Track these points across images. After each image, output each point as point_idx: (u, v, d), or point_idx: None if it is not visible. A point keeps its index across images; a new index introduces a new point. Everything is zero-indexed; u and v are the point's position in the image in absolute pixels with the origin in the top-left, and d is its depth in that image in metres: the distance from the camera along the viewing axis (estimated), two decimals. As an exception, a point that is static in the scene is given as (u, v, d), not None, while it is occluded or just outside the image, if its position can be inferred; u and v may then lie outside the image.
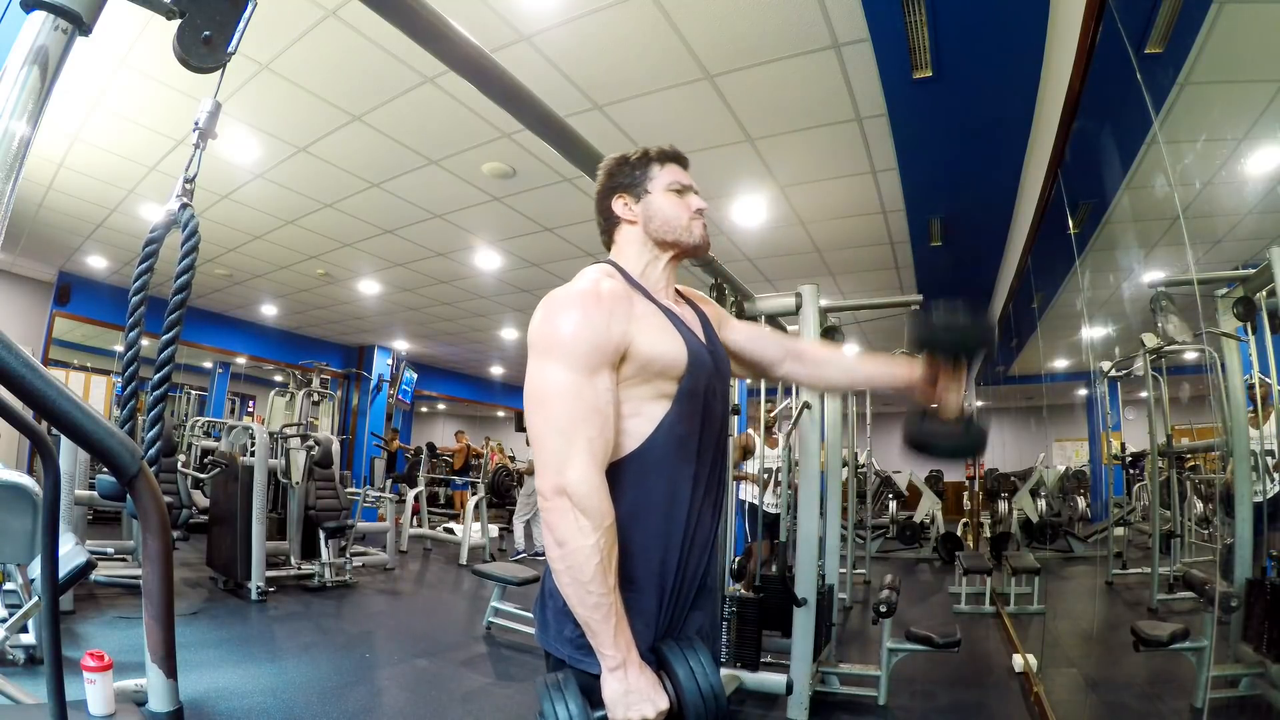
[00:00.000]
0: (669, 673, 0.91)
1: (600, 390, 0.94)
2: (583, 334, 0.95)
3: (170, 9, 0.94)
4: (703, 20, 2.59)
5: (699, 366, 1.03)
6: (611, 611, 0.88)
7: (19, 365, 0.66)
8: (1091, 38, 1.91)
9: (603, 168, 1.17)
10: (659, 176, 1.12)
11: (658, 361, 0.99)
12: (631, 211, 1.12)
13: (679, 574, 0.99)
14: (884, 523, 8.03)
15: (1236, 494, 2.31)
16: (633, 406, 0.98)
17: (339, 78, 3.10)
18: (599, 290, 1.00)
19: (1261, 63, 1.89)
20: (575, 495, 0.88)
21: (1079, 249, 3.10)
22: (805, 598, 2.92)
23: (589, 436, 0.91)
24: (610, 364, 0.96)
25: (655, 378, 0.99)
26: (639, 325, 0.99)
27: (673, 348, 1.01)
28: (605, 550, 0.89)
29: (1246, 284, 2.22)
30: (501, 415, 15.79)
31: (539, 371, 0.96)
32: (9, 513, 1.95)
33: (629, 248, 1.13)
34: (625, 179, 1.13)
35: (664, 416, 0.99)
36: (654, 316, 1.03)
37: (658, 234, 1.11)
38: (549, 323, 0.98)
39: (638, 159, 1.13)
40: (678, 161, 1.15)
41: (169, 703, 0.92)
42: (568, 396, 0.92)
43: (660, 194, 1.11)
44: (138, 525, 1.20)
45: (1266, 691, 1.94)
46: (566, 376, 0.93)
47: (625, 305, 1.00)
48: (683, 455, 1.00)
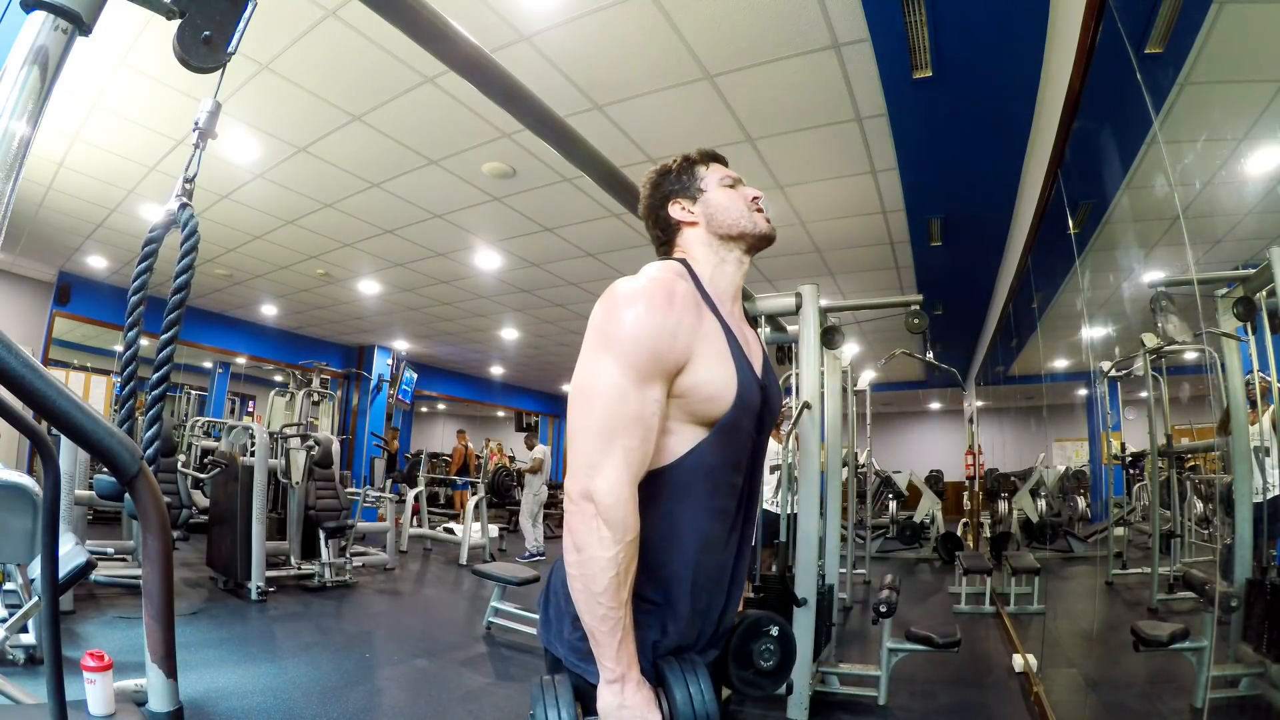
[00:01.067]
0: (667, 693, 0.89)
1: (649, 400, 0.89)
2: (646, 337, 0.89)
3: (170, 9, 0.94)
4: (703, 20, 2.59)
5: (745, 405, 0.97)
6: (619, 626, 0.86)
7: (19, 365, 0.66)
8: (1091, 38, 1.91)
9: (646, 181, 1.14)
10: (708, 175, 1.10)
11: (704, 389, 0.93)
12: (691, 213, 1.08)
13: (693, 607, 0.95)
14: (884, 523, 8.03)
15: (1236, 494, 2.31)
16: (671, 424, 0.93)
17: (339, 78, 3.10)
18: (673, 290, 0.93)
19: (1261, 63, 1.89)
20: (602, 504, 0.85)
21: (1079, 249, 3.10)
22: (805, 598, 2.92)
23: (627, 446, 0.87)
24: (666, 376, 0.91)
25: (698, 403, 0.94)
26: (702, 345, 0.94)
27: (724, 381, 0.95)
28: (623, 565, 0.85)
29: (1246, 284, 2.22)
30: (501, 415, 15.79)
31: (591, 364, 0.91)
32: (9, 513, 1.95)
33: (696, 249, 1.08)
34: (675, 185, 1.10)
35: (698, 444, 0.94)
36: (717, 339, 0.97)
37: (723, 229, 1.06)
38: (612, 316, 0.92)
39: (680, 165, 1.11)
40: (719, 160, 1.14)
41: (169, 703, 0.92)
42: (614, 398, 0.88)
43: (716, 190, 1.08)
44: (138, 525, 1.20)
45: (1266, 691, 1.94)
46: (618, 378, 0.88)
47: (694, 317, 0.94)
48: (710, 487, 0.95)
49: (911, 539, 7.80)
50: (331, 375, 8.92)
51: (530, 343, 8.95)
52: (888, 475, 8.38)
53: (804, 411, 3.16)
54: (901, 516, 8.12)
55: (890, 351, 6.76)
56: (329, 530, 5.03)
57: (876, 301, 4.21)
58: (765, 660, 1.01)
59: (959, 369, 7.49)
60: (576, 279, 5.87)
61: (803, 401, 3.20)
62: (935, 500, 8.04)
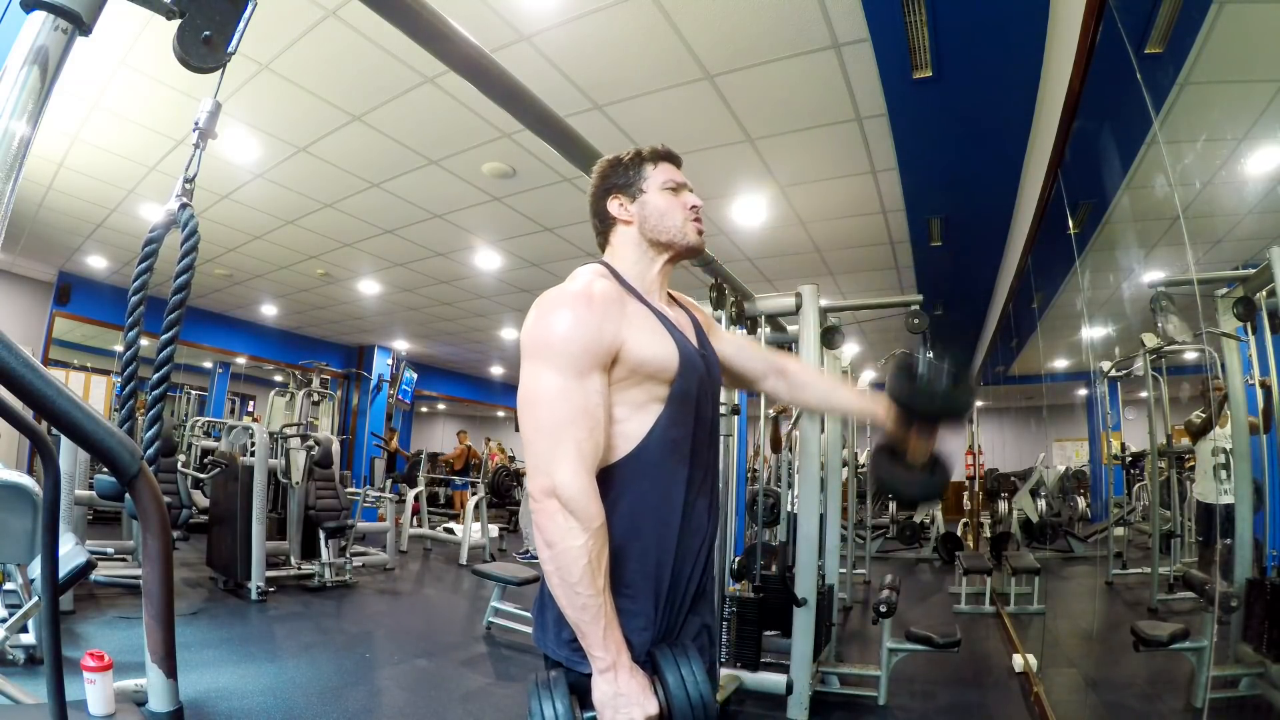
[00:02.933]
0: (660, 678, 0.91)
1: (590, 392, 0.93)
2: (574, 336, 0.94)
3: (170, 9, 0.94)
4: (703, 20, 2.59)
5: (691, 369, 1.02)
6: (600, 613, 0.88)
7: (19, 365, 0.66)
8: (1091, 38, 1.91)
9: (596, 169, 1.16)
10: (653, 175, 1.12)
11: (649, 364, 0.99)
12: (627, 212, 1.12)
13: (674, 577, 0.99)
14: (884, 523, 8.03)
15: (1236, 494, 2.31)
16: (626, 410, 0.98)
17: (339, 78, 3.10)
18: (591, 291, 0.99)
19: (1261, 63, 1.89)
20: (564, 497, 0.89)
21: (1079, 249, 3.10)
22: (805, 598, 2.92)
23: (578, 439, 0.91)
24: (602, 366, 0.95)
25: (647, 380, 0.99)
26: (631, 327, 0.99)
27: (664, 350, 1.01)
28: (594, 552, 0.88)
29: (1246, 284, 2.22)
30: (501, 415, 15.79)
31: (530, 373, 0.96)
32: (9, 513, 1.95)
33: (624, 249, 1.12)
34: (619, 179, 1.13)
35: (656, 420, 0.99)
36: (646, 319, 1.03)
37: (653, 234, 1.10)
38: (540, 324, 0.98)
39: (630, 159, 1.13)
40: (670, 160, 1.15)
41: (169, 703, 0.92)
42: (557, 399, 0.92)
43: (655, 193, 1.11)
44: (138, 525, 1.20)
45: (1266, 691, 1.94)
46: (556, 379, 0.93)
47: (618, 307, 0.99)
48: (676, 458, 1.00)
49: (911, 539, 7.80)
50: (331, 375, 8.92)
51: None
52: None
53: (804, 412, 3.16)
54: (901, 516, 8.12)
55: (890, 351, 6.76)
56: (329, 530, 5.03)
57: (876, 301, 4.21)
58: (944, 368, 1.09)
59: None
60: (576, 279, 5.85)
61: (803, 401, 3.20)
62: (935, 502, 8.04)
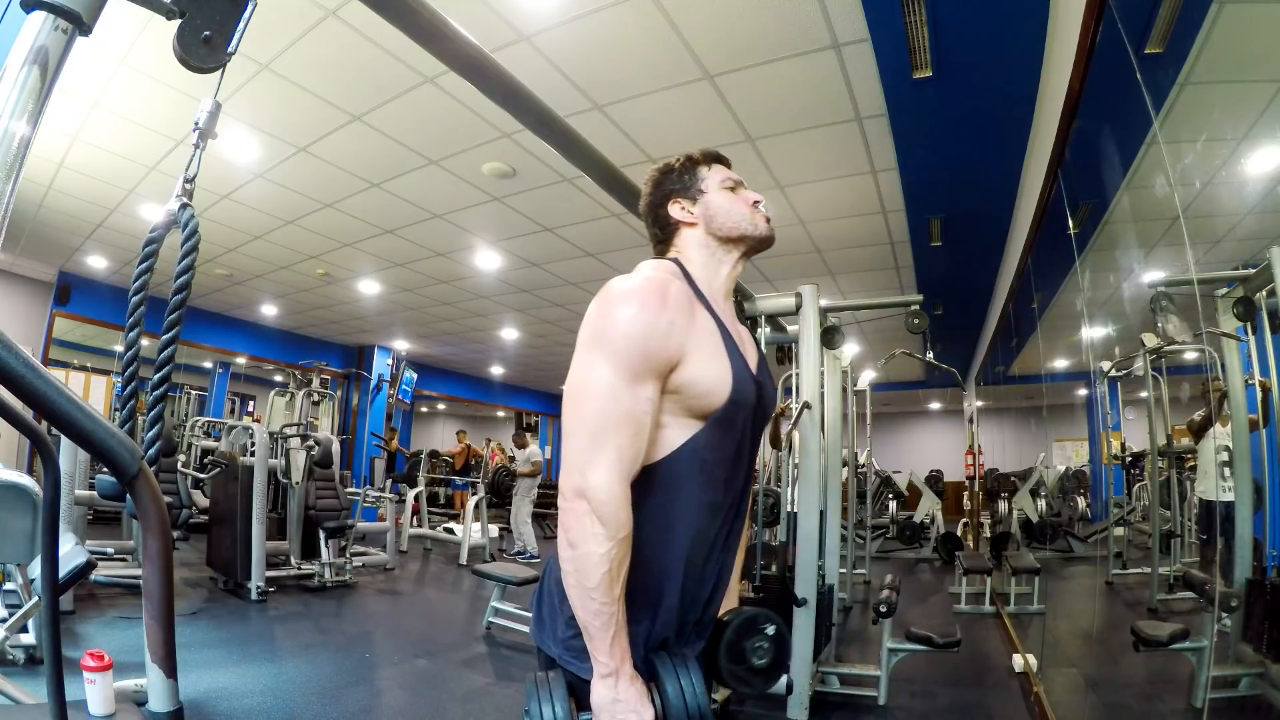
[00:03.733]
0: (658, 686, 0.90)
1: (641, 399, 0.90)
2: (638, 335, 0.90)
3: (170, 9, 0.94)
4: (703, 20, 2.59)
5: (740, 402, 0.97)
6: (612, 621, 0.87)
7: (19, 365, 0.66)
8: (1091, 38, 1.91)
9: (648, 180, 1.14)
10: (709, 176, 1.10)
11: (699, 384, 0.94)
12: (690, 214, 1.09)
13: (681, 596, 0.96)
14: (884, 523, 8.03)
15: (1237, 494, 2.31)
16: (665, 418, 0.95)
17: (339, 78, 3.10)
18: (666, 290, 0.94)
19: (1261, 63, 1.89)
20: (595, 501, 0.87)
21: (1079, 249, 3.10)
22: (805, 598, 2.92)
23: (619, 444, 0.88)
24: (659, 375, 0.92)
25: (693, 399, 0.95)
26: (695, 342, 0.94)
27: (719, 377, 0.96)
28: (616, 561, 0.87)
29: (1246, 284, 2.22)
30: (501, 415, 15.79)
31: (584, 364, 0.92)
32: (9, 513, 1.95)
33: (692, 251, 1.09)
34: (676, 184, 1.11)
35: (691, 437, 0.95)
36: (711, 335, 0.98)
37: (722, 231, 1.08)
38: (606, 315, 0.93)
39: (683, 165, 1.12)
40: (722, 161, 1.14)
41: (169, 703, 0.92)
42: (606, 397, 0.89)
43: (716, 192, 1.09)
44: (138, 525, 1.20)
45: (1266, 691, 1.94)
46: (610, 377, 0.90)
47: (687, 315, 0.95)
48: (703, 480, 0.96)
49: (911, 539, 7.80)
50: (331, 375, 8.92)
51: (530, 343, 8.95)
52: (888, 475, 8.38)
53: (804, 411, 3.16)
54: (901, 516, 8.12)
55: (890, 351, 6.76)
56: (329, 530, 5.03)
57: (876, 301, 4.21)
58: (758, 658, 1.01)
59: (959, 369, 7.49)
60: (576, 279, 5.87)
61: (803, 401, 3.20)
62: (935, 500, 8.04)
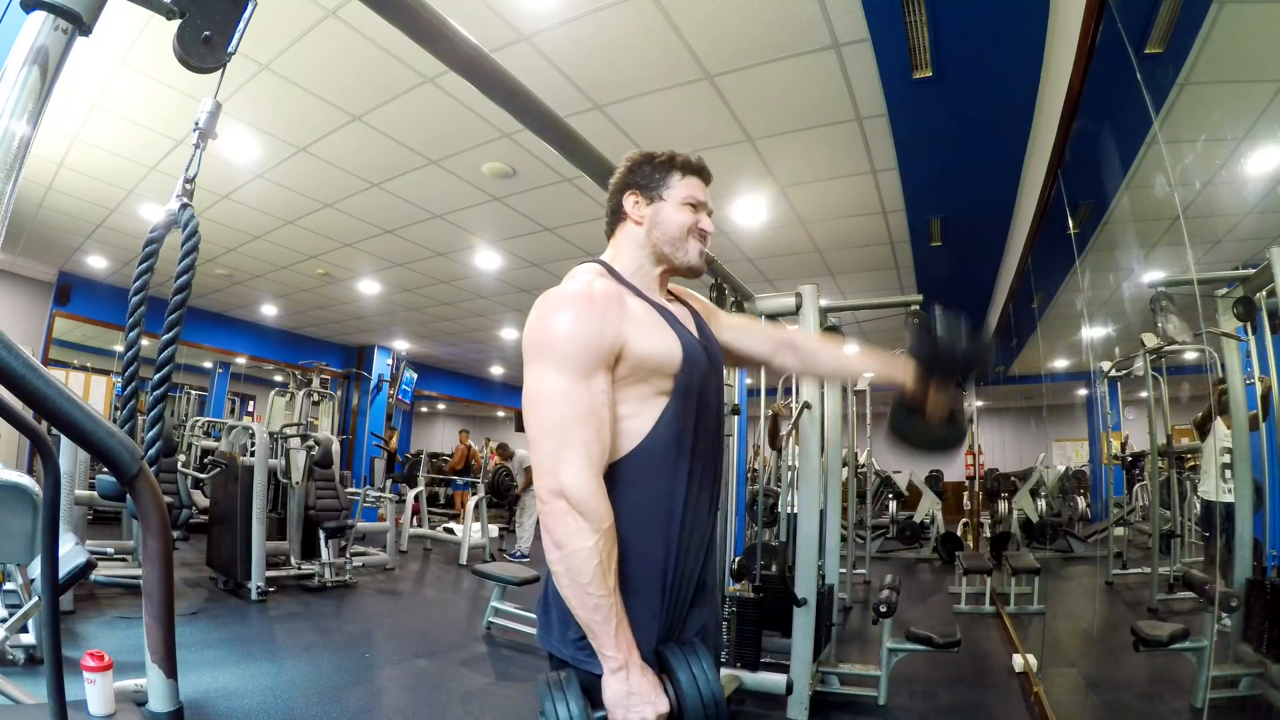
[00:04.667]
0: (670, 676, 0.91)
1: (595, 393, 0.93)
2: (576, 336, 0.94)
3: (170, 9, 0.94)
4: (703, 20, 2.59)
5: (694, 363, 1.02)
6: (612, 613, 0.88)
7: (19, 365, 0.66)
8: (1091, 38, 1.91)
9: (626, 159, 1.16)
10: (677, 186, 1.11)
11: (652, 359, 0.99)
12: (639, 212, 1.12)
13: (677, 572, 0.99)
14: (884, 523, 8.03)
15: (1237, 494, 2.31)
16: (631, 407, 0.98)
17: (339, 78, 3.10)
18: (591, 291, 0.99)
19: (1261, 63, 1.89)
20: (572, 498, 0.89)
21: (1079, 249, 3.10)
22: (805, 598, 2.92)
23: (584, 439, 0.91)
24: (606, 366, 0.95)
25: (651, 376, 0.99)
26: (633, 324, 0.99)
27: (667, 345, 1.01)
28: (604, 552, 0.89)
29: (1246, 284, 2.22)
30: (501, 415, 15.78)
31: (534, 375, 0.96)
32: (9, 513, 1.95)
33: (626, 247, 1.12)
34: (643, 178, 1.12)
35: (660, 415, 0.99)
36: (648, 314, 1.03)
37: (656, 244, 1.10)
38: (542, 325, 0.98)
39: (662, 162, 1.13)
40: (700, 176, 1.14)
41: (169, 703, 0.92)
42: (562, 400, 0.92)
43: (673, 205, 1.10)
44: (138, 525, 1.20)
45: (1266, 691, 1.94)
46: (560, 380, 0.93)
47: (618, 305, 0.99)
48: (680, 452, 1.00)
49: (911, 539, 7.80)
50: (331, 375, 8.91)
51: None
52: (888, 475, 8.37)
53: (804, 411, 3.16)
54: (901, 516, 8.11)
55: (890, 352, 6.75)
56: (329, 530, 5.03)
57: (876, 301, 4.21)
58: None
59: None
60: (576, 279, 5.85)
61: (803, 401, 3.20)
62: (935, 500, 8.04)
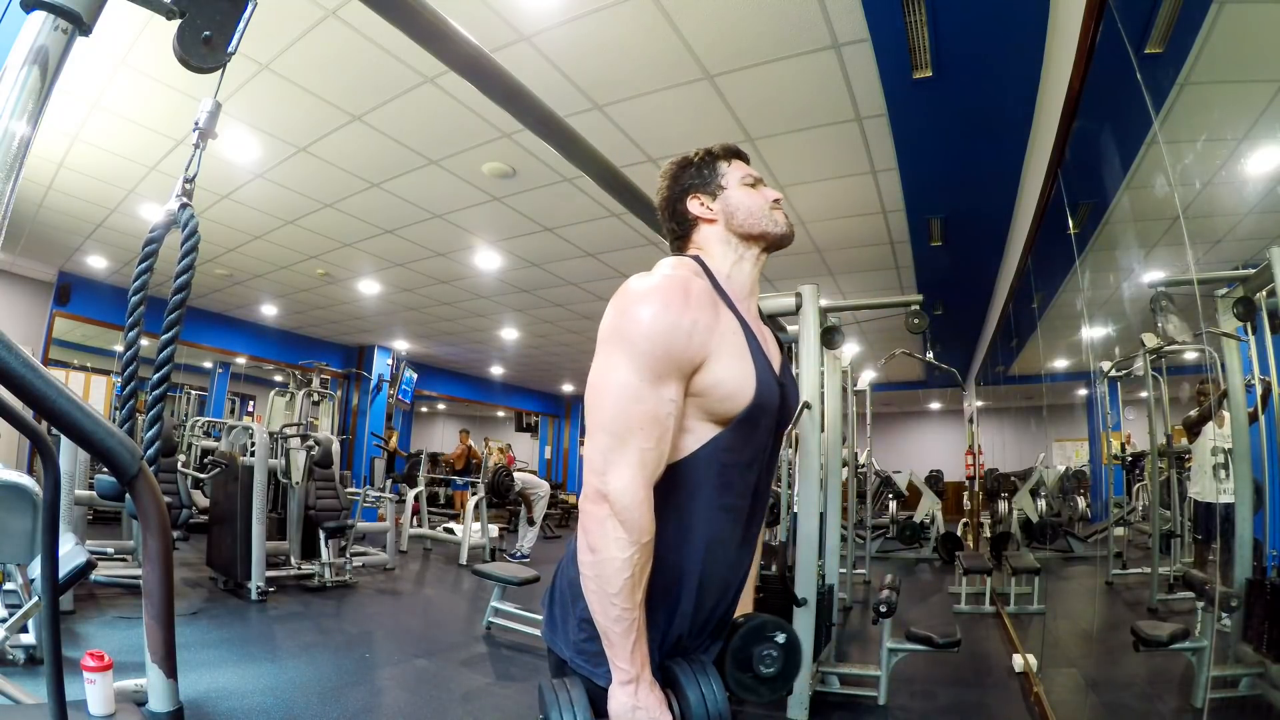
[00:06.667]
0: (678, 694, 0.89)
1: (665, 400, 0.88)
2: (660, 334, 0.87)
3: (170, 9, 0.94)
4: (703, 20, 2.59)
5: (763, 403, 0.95)
6: (633, 627, 0.85)
7: (19, 365, 0.66)
8: (1091, 38, 1.91)
9: (665, 174, 1.12)
10: (729, 172, 1.08)
11: (722, 388, 0.92)
12: (710, 210, 1.07)
13: (696, 603, 0.94)
14: (884, 523, 8.03)
15: (1236, 494, 2.31)
16: (685, 421, 0.92)
17: (339, 78, 3.10)
18: (688, 288, 0.92)
19: (1261, 63, 1.89)
20: (617, 504, 0.84)
21: (1079, 249, 3.10)
22: (805, 598, 2.92)
23: (642, 446, 0.86)
24: (682, 375, 0.89)
25: (715, 401, 0.92)
26: (719, 342, 0.92)
27: (742, 377, 0.93)
28: (638, 566, 0.85)
29: (1246, 284, 2.22)
30: (501, 415, 15.78)
31: (605, 363, 0.90)
32: (9, 513, 1.95)
33: (712, 247, 1.07)
34: (695, 179, 1.09)
35: (711, 439, 0.93)
36: (735, 336, 0.95)
37: (742, 227, 1.05)
38: (626, 313, 0.90)
39: (702, 159, 1.10)
40: (741, 158, 1.12)
41: (169, 703, 0.92)
42: (628, 398, 0.87)
43: (736, 188, 1.07)
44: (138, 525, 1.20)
45: (1266, 691, 1.94)
46: (632, 377, 0.87)
47: (711, 315, 0.92)
48: (722, 484, 0.94)
49: (911, 539, 7.79)
50: (331, 375, 8.92)
51: (530, 343, 8.95)
52: (888, 475, 8.38)
53: (804, 411, 3.16)
54: (901, 516, 8.11)
55: (890, 351, 6.76)
56: (329, 530, 5.03)
57: (876, 301, 4.21)
58: (766, 666, 0.99)
59: (959, 369, 7.49)
60: (577, 279, 5.87)
61: (803, 401, 3.20)
62: (935, 500, 8.04)
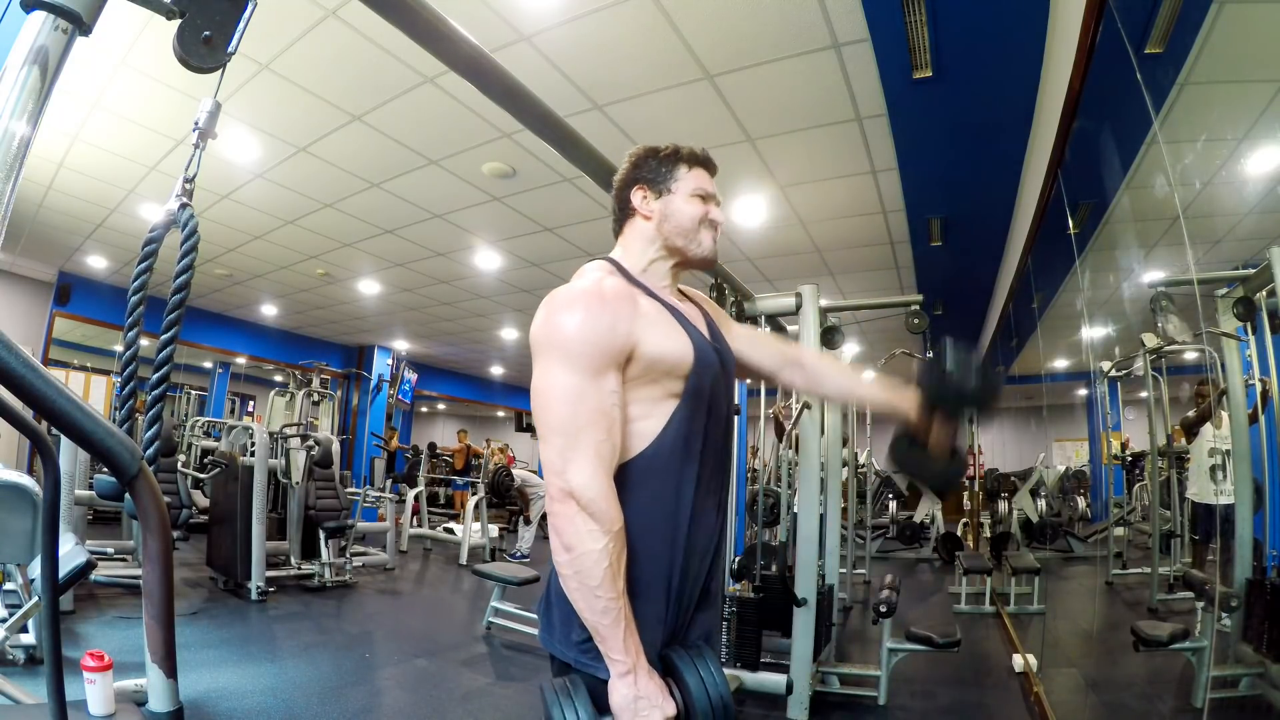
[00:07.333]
0: (678, 681, 0.90)
1: (606, 393, 0.92)
2: (587, 335, 0.93)
3: (170, 9, 0.94)
4: (703, 20, 2.59)
5: (705, 365, 1.01)
6: (620, 617, 0.87)
7: (19, 365, 0.66)
8: (1091, 38, 1.91)
9: (630, 156, 1.14)
10: (684, 178, 1.10)
11: (664, 360, 0.97)
12: (648, 206, 1.10)
13: (683, 576, 0.98)
14: (884, 523, 8.03)
15: (1236, 494, 2.31)
16: (642, 408, 0.97)
17: (339, 78, 3.10)
18: (602, 289, 0.97)
19: (1261, 63, 1.89)
20: (583, 498, 0.87)
21: (1079, 249, 3.10)
22: (805, 598, 2.92)
23: (595, 440, 0.90)
24: (617, 365, 0.94)
25: (662, 377, 0.98)
26: (644, 324, 0.97)
27: (679, 346, 0.99)
28: (614, 555, 0.87)
29: (1246, 284, 2.22)
30: (501, 415, 15.79)
31: (543, 373, 0.94)
32: (9, 513, 1.95)
33: (635, 243, 1.10)
34: (650, 172, 1.10)
35: (670, 417, 0.98)
36: (659, 314, 1.01)
37: (669, 237, 1.09)
38: (551, 323, 0.96)
39: (667, 155, 1.11)
40: (706, 168, 1.12)
41: (169, 703, 0.92)
42: (572, 399, 0.91)
43: (682, 197, 1.09)
44: (138, 525, 1.20)
45: (1266, 691, 1.94)
46: (571, 378, 0.91)
47: (629, 304, 0.97)
48: (689, 455, 0.99)
49: (911, 539, 7.79)
50: (331, 375, 8.92)
51: (530, 343, 8.94)
52: (888, 475, 8.37)
53: (804, 411, 3.16)
54: (901, 516, 8.11)
55: (890, 351, 6.75)
56: (329, 530, 5.03)
57: (876, 301, 4.21)
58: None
59: (959, 369, 7.47)
60: (576, 279, 5.85)
61: (803, 401, 3.20)
62: (935, 500, 8.03)
